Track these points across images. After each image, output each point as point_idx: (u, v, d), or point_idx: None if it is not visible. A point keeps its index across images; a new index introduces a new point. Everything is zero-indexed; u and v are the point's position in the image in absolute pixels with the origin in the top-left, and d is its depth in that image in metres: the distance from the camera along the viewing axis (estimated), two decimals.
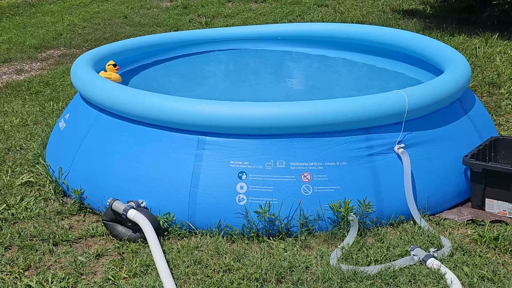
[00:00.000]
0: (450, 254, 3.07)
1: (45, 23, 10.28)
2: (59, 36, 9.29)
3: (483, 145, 3.81)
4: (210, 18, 10.07)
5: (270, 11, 10.36)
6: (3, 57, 8.19)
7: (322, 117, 3.34)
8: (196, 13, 10.42)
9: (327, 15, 9.93)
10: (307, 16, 9.93)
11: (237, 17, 10.05)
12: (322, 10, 10.32)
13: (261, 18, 9.89)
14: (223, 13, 10.33)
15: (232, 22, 9.67)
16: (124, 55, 5.06)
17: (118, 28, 9.63)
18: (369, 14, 9.88)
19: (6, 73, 7.57)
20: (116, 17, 10.47)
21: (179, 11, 10.65)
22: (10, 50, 8.56)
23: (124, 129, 3.71)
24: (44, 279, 3.02)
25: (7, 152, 4.76)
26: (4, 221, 3.65)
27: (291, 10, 10.39)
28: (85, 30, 9.64)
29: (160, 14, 10.56)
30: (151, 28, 9.57)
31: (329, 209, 3.33)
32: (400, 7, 10.37)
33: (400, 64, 5.08)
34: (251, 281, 2.88)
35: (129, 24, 9.90)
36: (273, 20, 9.70)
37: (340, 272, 2.90)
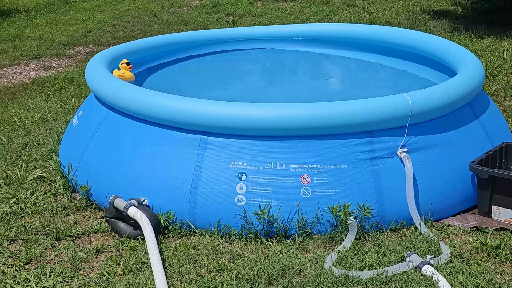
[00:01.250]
0: (447, 262, 3.01)
1: (76, 20, 10.48)
2: (88, 33, 9.45)
3: (492, 151, 3.73)
4: (238, 17, 10.09)
5: (299, 11, 10.33)
6: (32, 54, 8.37)
7: (322, 120, 3.32)
8: (225, 12, 10.46)
9: (355, 15, 9.85)
10: (334, 16, 9.87)
11: (264, 16, 10.05)
12: (350, 10, 10.24)
13: (289, 17, 9.87)
14: (251, 12, 10.35)
15: (259, 21, 9.68)
16: (138, 55, 5.11)
17: (146, 26, 9.74)
18: (398, 14, 9.76)
19: (34, 70, 7.75)
20: (146, 15, 10.59)
21: (208, 9, 10.71)
22: (40, 47, 8.75)
23: (129, 127, 3.76)
24: (42, 273, 3.08)
25: (24, 147, 4.87)
26: (12, 214, 3.73)
27: (319, 9, 10.34)
28: (114, 28, 9.78)
29: (189, 12, 10.64)
30: (179, 26, 9.65)
31: (328, 212, 3.31)
32: (431, 7, 10.21)
33: (418, 66, 5.03)
34: (242, 282, 2.89)
35: (158, 22, 10.01)
36: (300, 19, 9.67)
37: (332, 276, 2.88)
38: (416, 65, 5.07)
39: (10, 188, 4.09)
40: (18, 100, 6.34)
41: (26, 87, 6.86)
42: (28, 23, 10.45)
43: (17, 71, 7.68)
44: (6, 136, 5.12)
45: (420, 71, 4.96)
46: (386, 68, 5.23)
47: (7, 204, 3.84)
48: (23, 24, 10.41)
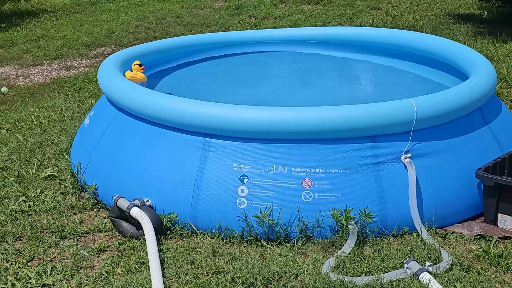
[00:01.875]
0: (446, 269, 2.98)
1: (101, 21, 10.61)
2: (111, 34, 9.57)
3: (501, 158, 3.67)
4: (260, 19, 10.11)
5: (321, 13, 10.30)
6: (55, 54, 8.51)
7: (325, 124, 3.31)
8: (247, 14, 10.49)
9: (378, 18, 9.78)
10: (357, 19, 9.81)
11: (287, 18, 10.05)
12: (374, 13, 10.17)
13: (311, 20, 9.85)
14: (273, 14, 10.36)
15: (281, 23, 9.68)
16: (149, 57, 5.14)
17: (169, 28, 9.82)
18: (422, 18, 9.67)
19: (56, 69, 7.87)
20: (169, 17, 10.67)
21: (231, 11, 10.75)
22: (63, 47, 8.89)
23: (136, 128, 3.80)
24: (43, 271, 3.14)
25: (39, 146, 4.95)
26: (21, 212, 3.80)
27: (342, 12, 10.30)
28: (137, 29, 9.88)
29: (212, 14, 10.69)
30: (201, 28, 9.70)
31: (329, 216, 3.30)
32: (456, 11, 10.09)
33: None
34: (237, 285, 2.90)
35: (180, 24, 10.08)
36: (322, 22, 9.64)
37: (327, 281, 2.87)
38: (437, 71, 5.00)
39: (21, 186, 4.16)
40: (37, 99, 6.46)
41: (46, 87, 6.97)
42: (53, 24, 10.62)
43: (40, 71, 7.82)
44: (22, 135, 5.21)
45: (437, 76, 4.90)
46: (398, 72, 5.18)
47: (16, 202, 3.91)
48: (49, 24, 10.59)
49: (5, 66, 8.11)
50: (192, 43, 5.59)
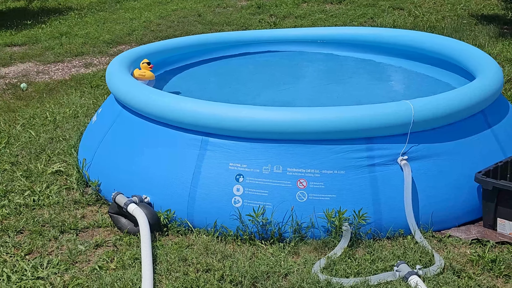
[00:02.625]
0: (437, 273, 2.95)
1: (123, 19, 10.74)
2: (132, 32, 9.67)
3: (502, 162, 3.62)
4: (281, 18, 10.11)
5: (343, 13, 10.25)
6: (76, 51, 8.64)
7: (321, 124, 3.31)
8: (268, 13, 10.50)
9: (400, 18, 9.70)
10: (378, 19, 9.74)
11: (307, 18, 10.03)
12: (396, 13, 10.09)
13: (332, 20, 9.82)
14: (294, 13, 10.35)
15: (301, 23, 9.66)
16: (159, 56, 5.19)
17: (190, 26, 9.89)
18: (444, 18, 9.56)
19: (75, 66, 8.00)
20: (191, 15, 10.75)
21: (253, 10, 10.77)
22: (84, 45, 9.02)
23: (138, 126, 3.85)
24: (40, 264, 3.21)
25: (50, 142, 5.05)
26: (25, 206, 3.89)
27: (364, 12, 10.23)
28: (158, 27, 9.97)
29: (234, 13, 10.73)
30: (221, 26, 9.75)
31: (323, 217, 3.30)
32: (480, 12, 9.94)
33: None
34: (225, 283, 2.92)
35: (202, 23, 10.14)
36: (343, 22, 9.60)
37: (314, 282, 2.87)
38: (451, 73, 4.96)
39: (28, 180, 4.25)
40: (54, 96, 6.57)
41: (64, 84, 7.09)
42: (77, 21, 10.79)
43: (60, 68, 7.95)
44: (35, 131, 5.32)
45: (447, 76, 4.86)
46: (407, 72, 5.15)
47: (21, 196, 4.00)
48: (73, 22, 10.76)
49: (27, 63, 8.27)
50: (191, 44, 5.61)
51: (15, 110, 6.10)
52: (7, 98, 6.66)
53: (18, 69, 7.97)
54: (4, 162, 4.61)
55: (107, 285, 2.93)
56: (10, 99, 6.60)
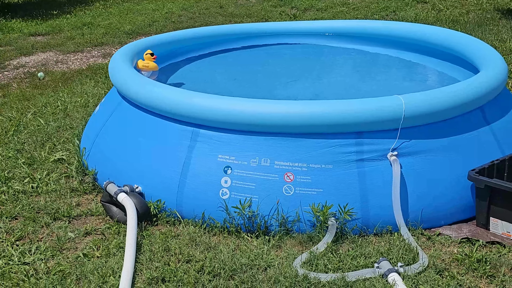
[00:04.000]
0: (419, 271, 2.91)
1: (146, 10, 10.82)
2: (153, 23, 9.74)
3: (499, 160, 3.54)
4: (302, 11, 10.05)
5: (365, 6, 10.15)
6: (96, 41, 8.75)
7: (309, 118, 3.28)
8: (290, 6, 10.45)
9: (423, 11, 9.56)
10: (400, 12, 9.61)
11: (329, 10, 9.96)
12: (419, 7, 9.94)
13: (353, 13, 9.72)
14: (316, 6, 10.28)
15: (321, 16, 9.60)
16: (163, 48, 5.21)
17: (210, 18, 9.91)
18: (468, 12, 9.37)
19: (94, 56, 8.10)
20: (213, 7, 10.77)
21: (275, 2, 10.74)
22: (105, 35, 9.12)
23: (134, 116, 3.89)
24: (28, 250, 3.26)
25: (58, 130, 5.13)
26: (24, 193, 3.96)
27: (387, 5, 10.11)
28: (179, 19, 10.02)
29: (255, 5, 10.71)
30: (241, 18, 9.74)
31: (309, 211, 3.28)
32: (506, 6, 9.72)
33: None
34: (203, 274, 2.93)
35: (223, 14, 10.15)
36: (364, 15, 9.49)
37: (292, 276, 2.86)
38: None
39: (30, 168, 4.33)
40: (69, 85, 6.67)
41: (80, 73, 7.19)
42: (101, 12, 10.91)
43: (78, 58, 8.06)
44: (45, 119, 5.41)
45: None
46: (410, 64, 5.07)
47: (21, 183, 4.07)
48: (97, 12, 10.89)
49: (48, 52, 8.41)
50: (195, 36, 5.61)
51: (29, 99, 6.21)
52: (23, 86, 6.79)
53: (38, 58, 8.11)
54: (10, 149, 4.70)
55: (88, 273, 2.96)
56: (26, 87, 6.73)
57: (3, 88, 6.75)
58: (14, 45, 8.80)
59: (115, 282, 2.89)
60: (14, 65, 7.75)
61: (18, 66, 7.72)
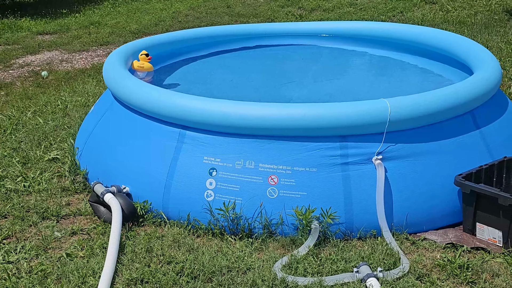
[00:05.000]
0: (398, 277, 2.90)
1: (154, 9, 10.87)
2: (160, 22, 9.78)
3: (488, 165, 3.51)
4: (308, 11, 10.03)
5: (373, 6, 10.10)
6: (102, 41, 8.80)
7: (293, 121, 3.28)
8: (297, 6, 10.43)
9: (430, 13, 9.49)
10: (408, 13, 9.56)
11: (335, 11, 9.93)
12: (427, 8, 9.87)
13: (359, 13, 9.68)
14: (323, 6, 10.25)
15: (327, 16, 9.57)
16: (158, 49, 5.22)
17: (216, 18, 9.93)
18: (476, 14, 9.29)
19: (98, 56, 8.15)
20: (221, 6, 10.79)
21: (282, 2, 10.72)
22: (111, 34, 9.18)
23: (123, 117, 3.91)
24: (13, 249, 3.30)
25: (55, 129, 5.17)
26: (15, 192, 4.00)
27: (394, 6, 10.05)
28: (186, 18, 10.05)
29: (263, 5, 10.70)
30: (247, 18, 9.75)
31: (293, 214, 3.27)
32: None
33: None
34: (182, 276, 2.94)
35: (229, 14, 10.16)
36: (370, 16, 9.45)
37: (271, 279, 2.86)
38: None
39: (25, 167, 4.37)
40: (71, 84, 6.72)
41: (83, 72, 7.24)
42: (110, 11, 10.97)
43: (83, 57, 8.12)
44: (43, 118, 5.46)
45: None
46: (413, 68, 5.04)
47: (13, 182, 4.11)
48: (106, 11, 10.95)
49: (53, 51, 8.48)
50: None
51: (31, 97, 6.27)
52: (27, 85, 6.85)
53: (44, 57, 8.18)
54: (6, 148, 4.75)
55: (69, 272, 2.99)
56: (29, 86, 6.79)
57: (7, 86, 6.82)
58: (21, 43, 8.89)
59: (94, 282, 2.91)
60: (20, 64, 7.83)
61: (24, 64, 7.80)
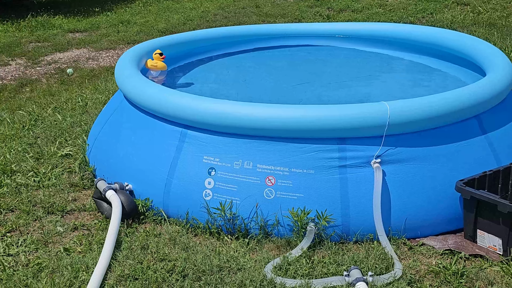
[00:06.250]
0: (389, 282, 2.86)
1: (184, 8, 10.96)
2: (188, 21, 9.86)
3: (492, 171, 3.44)
4: (337, 11, 9.97)
5: (402, 7, 9.97)
6: (130, 39, 8.92)
7: (291, 122, 3.27)
8: (326, 6, 10.38)
9: (460, 14, 9.32)
10: (438, 14, 9.41)
11: (364, 12, 9.84)
12: (458, 9, 9.70)
13: (388, 14, 9.57)
14: (352, 7, 10.17)
15: (355, 17, 9.50)
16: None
17: (244, 17, 9.96)
18: (509, 16, 9.09)
19: None
20: (250, 6, 10.81)
21: (311, 2, 10.68)
22: (139, 33, 9.29)
23: (131, 115, 3.96)
24: (15, 242, 3.38)
25: (72, 126, 5.27)
26: (25, 186, 4.09)
27: (425, 7, 9.91)
28: (214, 18, 10.10)
29: (292, 5, 10.68)
30: (275, 18, 9.74)
31: (288, 216, 3.27)
32: None
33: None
34: (173, 274, 2.97)
35: (257, 14, 10.18)
36: (399, 17, 9.33)
37: (260, 280, 2.86)
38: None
39: (38, 162, 4.47)
40: (94, 82, 6.84)
41: (107, 70, 7.36)
42: (141, 10, 11.11)
43: (109, 55, 8.25)
44: (63, 115, 5.57)
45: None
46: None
47: (24, 176, 4.21)
48: (137, 10, 11.09)
49: (82, 49, 8.64)
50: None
51: (54, 94, 6.40)
52: (52, 82, 7.00)
53: (72, 54, 8.34)
54: (23, 143, 4.86)
55: (63, 267, 3.05)
56: (54, 83, 6.94)
57: (32, 83, 6.98)
58: (51, 41, 9.08)
59: (86, 277, 2.96)
60: (48, 61, 8.00)
61: (51, 62, 7.97)
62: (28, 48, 8.71)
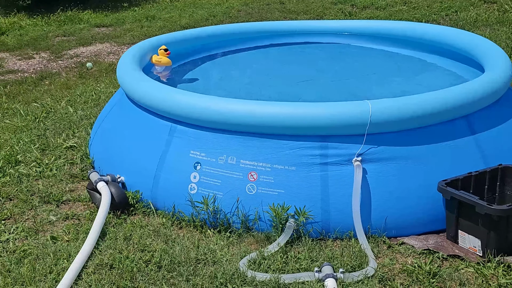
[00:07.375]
0: (359, 279, 2.88)
1: (209, 4, 11.06)
2: (211, 17, 9.94)
3: (478, 172, 3.42)
4: (360, 9, 9.91)
5: (426, 5, 9.85)
6: (152, 34, 9.04)
7: (273, 119, 3.31)
8: (350, 3, 10.32)
9: (486, 12, 9.15)
10: (462, 12, 9.26)
11: (387, 9, 9.75)
12: (483, 7, 9.52)
13: (411, 12, 9.47)
14: (376, 4, 10.09)
15: (378, 14, 9.43)
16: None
17: (267, 14, 9.99)
18: None
19: None
20: (274, 2, 10.83)
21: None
22: (162, 28, 9.42)
23: (127, 109, 4.07)
24: (8, 229, 3.52)
25: (82, 118, 5.41)
26: (27, 176, 4.24)
27: (450, 5, 9.76)
28: (237, 14, 10.17)
29: (316, 1, 10.66)
30: (297, 15, 9.75)
31: (269, 211, 3.31)
32: None
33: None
34: (149, 265, 3.05)
35: (281, 10, 10.19)
36: (422, 15, 9.22)
37: (231, 273, 2.92)
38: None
39: (42, 153, 4.62)
40: (111, 76, 6.98)
41: None
42: (167, 5, 11.25)
43: None
44: (75, 108, 5.72)
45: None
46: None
47: (27, 167, 4.36)
48: (163, 5, 11.24)
49: (105, 43, 8.82)
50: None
51: (71, 87, 6.57)
52: (70, 75, 7.18)
53: (94, 49, 8.52)
54: (32, 134, 5.02)
55: (45, 254, 3.16)
56: (72, 76, 7.11)
57: (52, 76, 7.17)
58: (77, 35, 9.29)
59: (66, 265, 3.06)
60: (70, 55, 8.20)
61: (73, 56, 8.16)
62: (53, 42, 8.93)
